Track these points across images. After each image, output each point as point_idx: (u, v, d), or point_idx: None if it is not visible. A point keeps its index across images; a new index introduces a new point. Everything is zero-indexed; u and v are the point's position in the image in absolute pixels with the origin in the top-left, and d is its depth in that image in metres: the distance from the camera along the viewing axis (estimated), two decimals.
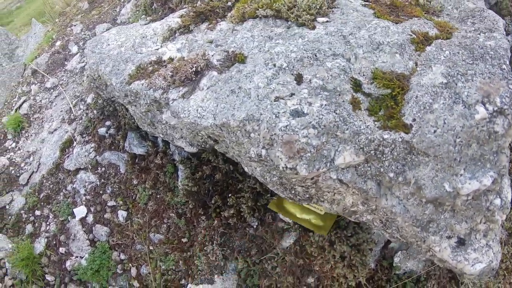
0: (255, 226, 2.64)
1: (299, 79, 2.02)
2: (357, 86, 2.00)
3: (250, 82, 2.07)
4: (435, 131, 1.79)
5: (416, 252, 2.63)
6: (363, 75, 2.03)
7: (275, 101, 1.90)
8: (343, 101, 1.91)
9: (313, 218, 2.57)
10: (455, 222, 1.91)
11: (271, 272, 2.58)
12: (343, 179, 1.84)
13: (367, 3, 2.52)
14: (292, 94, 1.94)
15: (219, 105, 2.06)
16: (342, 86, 1.97)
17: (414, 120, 1.83)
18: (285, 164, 1.80)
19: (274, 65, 2.11)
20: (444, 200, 1.84)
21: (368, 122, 1.85)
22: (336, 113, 1.84)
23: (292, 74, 2.05)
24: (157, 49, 2.67)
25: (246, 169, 2.59)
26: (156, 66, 2.56)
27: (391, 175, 1.82)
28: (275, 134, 1.80)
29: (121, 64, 2.65)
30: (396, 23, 2.29)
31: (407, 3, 2.55)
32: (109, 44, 2.90)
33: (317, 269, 2.61)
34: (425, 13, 2.49)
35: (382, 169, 1.83)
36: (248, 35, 2.38)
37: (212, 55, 2.32)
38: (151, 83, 2.40)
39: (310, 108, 1.84)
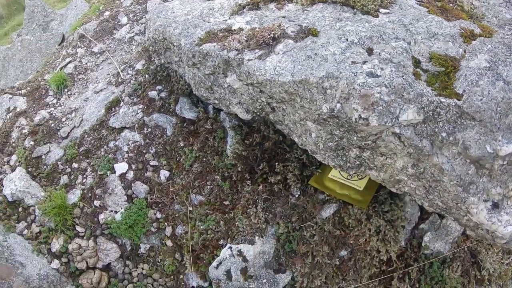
0: (297, 196, 2.77)
1: (369, 51, 2.28)
2: (417, 63, 2.32)
3: (326, 50, 2.29)
4: (481, 99, 2.11)
5: (444, 234, 2.81)
6: (422, 55, 2.36)
7: (352, 64, 2.13)
8: (408, 72, 2.18)
9: (352, 193, 2.73)
10: (491, 186, 2.22)
11: (309, 239, 2.69)
12: (404, 134, 2.06)
13: (421, 2, 2.83)
14: (365, 62, 2.18)
15: (296, 66, 2.26)
16: (405, 62, 2.27)
17: (464, 91, 2.14)
18: (359, 115, 2.01)
19: (347, 39, 2.35)
20: (485, 161, 2.15)
21: (427, 89, 2.11)
22: (403, 78, 2.10)
23: (363, 48, 2.30)
24: (225, 20, 2.86)
25: (296, 140, 2.76)
26: (226, 33, 2.74)
27: (444, 135, 2.09)
28: (353, 88, 2.02)
29: (190, 28, 2.83)
30: (447, 21, 2.63)
31: (454, 7, 2.89)
32: (174, 12, 3.07)
33: (352, 242, 2.74)
34: (469, 18, 2.83)
35: (436, 129, 2.10)
36: (319, 15, 2.61)
37: (287, 27, 2.52)
38: (224, 45, 2.58)
39: (382, 72, 2.09)
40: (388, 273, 2.78)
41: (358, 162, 2.45)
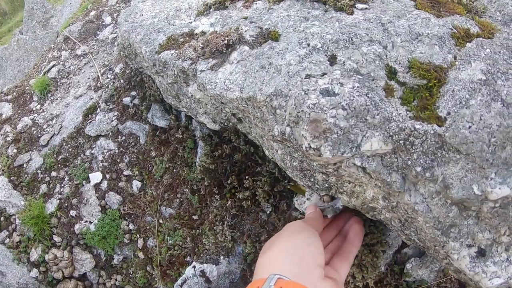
0: (268, 212, 2.59)
1: (332, 60, 1.97)
2: (392, 73, 1.94)
3: (282, 59, 2.03)
4: (470, 127, 1.69)
5: (429, 261, 2.54)
6: (399, 63, 1.97)
7: (305, 78, 1.86)
8: (376, 87, 1.84)
9: None
10: (478, 230, 1.80)
11: None
12: (367, 168, 1.77)
13: None
14: (324, 74, 1.88)
15: (247, 79, 2.03)
16: (377, 72, 1.91)
17: (448, 113, 1.74)
18: (309, 144, 1.73)
19: (308, 44, 2.06)
20: (470, 204, 1.75)
21: (400, 110, 1.78)
22: (368, 97, 1.77)
23: (326, 55, 2.00)
24: (190, 23, 2.66)
25: (266, 152, 2.55)
26: (187, 38, 2.55)
27: (418, 169, 1.73)
28: (302, 111, 1.74)
29: (152, 33, 2.66)
30: (437, 17, 2.23)
31: (449, 0, 2.50)
32: (142, 15, 2.91)
33: None
34: (467, 12, 2.43)
35: (409, 162, 1.74)
36: (284, 14, 2.34)
37: (245, 31, 2.29)
38: (180, 53, 2.40)
39: (341, 88, 1.78)
40: None
41: (327, 185, 2.21)
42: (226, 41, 2.20)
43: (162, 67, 2.53)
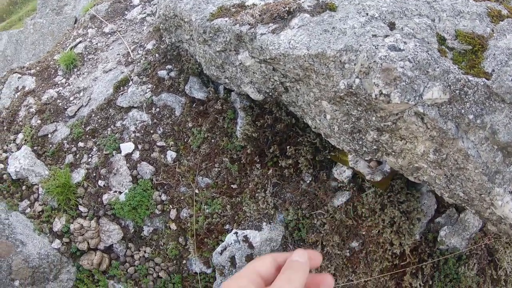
0: (308, 181, 2.63)
1: (391, 26, 2.14)
2: (442, 40, 2.17)
3: (344, 24, 2.15)
4: None
5: (461, 229, 2.64)
6: (447, 32, 2.21)
7: (372, 37, 1.99)
8: (432, 48, 2.02)
9: None
10: None
11: (319, 228, 2.55)
12: (427, 115, 1.90)
13: None
14: (386, 36, 2.04)
15: (312, 40, 2.13)
16: (429, 38, 2.12)
17: (493, 70, 1.97)
18: (380, 91, 1.86)
19: (367, 14, 2.21)
20: None
21: (453, 67, 1.96)
22: (428, 54, 1.95)
23: (384, 23, 2.16)
24: None
25: (310, 122, 2.62)
26: (239, 8, 2.63)
27: (471, 117, 1.92)
28: (374, 62, 1.88)
29: (202, 4, 2.73)
30: (474, 0, 2.48)
31: None
32: None
33: (364, 233, 2.59)
34: (495, 0, 2.69)
35: (463, 111, 1.93)
36: None
37: (303, 1, 2.40)
38: (237, 20, 2.46)
39: (406, 45, 1.95)
40: (400, 268, 2.63)
41: (375, 147, 2.31)
42: (287, 8, 2.30)
43: (213, 35, 2.58)
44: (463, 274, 2.57)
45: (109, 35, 3.67)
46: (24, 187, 3.05)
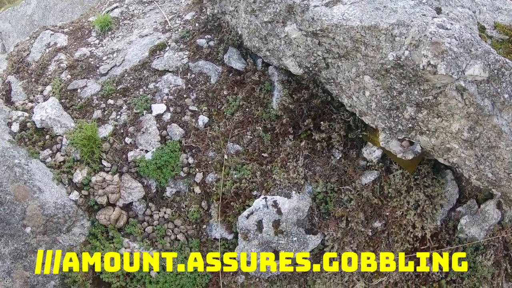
0: (338, 158, 2.68)
1: (438, 10, 2.30)
2: (482, 28, 2.36)
3: (395, 4, 2.27)
4: None
5: (481, 219, 2.71)
6: (487, 23, 2.41)
7: (422, 15, 2.11)
8: (474, 32, 2.17)
9: None
10: None
11: (346, 203, 2.59)
12: (468, 90, 2.01)
13: None
14: (434, 17, 2.16)
15: (364, 15, 2.24)
16: (471, 26, 2.28)
17: None
18: (428, 61, 1.98)
19: None
20: None
21: (492, 50, 2.09)
22: (472, 35, 2.09)
23: (431, 7, 2.30)
24: None
25: (345, 101, 2.69)
26: None
27: (506, 96, 2.06)
28: (424, 35, 2.00)
29: None
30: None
31: None
32: None
33: (388, 214, 2.63)
34: None
35: (499, 90, 2.06)
36: None
37: None
38: None
39: (452, 26, 2.08)
40: (420, 252, 2.66)
41: (410, 125, 2.38)
42: None
43: (263, 5, 2.66)
44: (480, 263, 2.61)
45: (146, 4, 3.73)
46: (47, 137, 3.01)
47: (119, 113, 3.04)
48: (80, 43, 3.52)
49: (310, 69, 2.70)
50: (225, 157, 2.77)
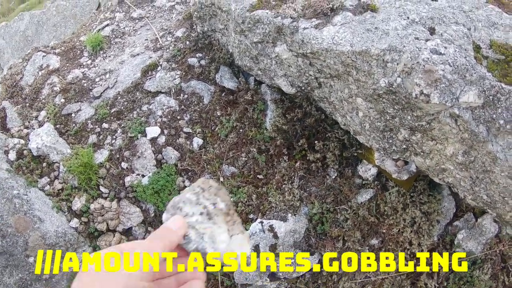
0: (333, 177, 2.67)
1: (431, 31, 2.22)
2: (477, 48, 2.27)
3: (386, 25, 2.21)
4: None
5: (478, 234, 2.70)
6: (482, 41, 2.32)
7: (415, 39, 2.06)
8: (469, 55, 2.10)
9: None
10: None
11: (342, 223, 2.59)
12: (461, 117, 1.98)
13: None
14: (427, 40, 2.11)
15: (355, 38, 2.19)
16: (466, 46, 2.22)
17: None
18: (421, 90, 1.93)
19: (408, 17, 2.27)
20: None
21: (488, 74, 2.04)
22: (467, 60, 2.03)
23: (425, 27, 2.23)
24: None
25: (339, 119, 2.67)
26: (279, 2, 2.68)
27: (501, 122, 2.02)
28: (417, 63, 1.94)
29: None
30: (506, 13, 2.58)
31: (510, 3, 2.87)
32: None
33: (384, 231, 2.64)
34: None
35: (494, 116, 2.01)
36: None
37: (345, 0, 2.46)
38: (278, 12, 2.51)
39: (446, 50, 2.03)
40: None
41: (404, 146, 2.36)
42: (330, 5, 2.35)
43: (251, 25, 2.62)
44: (478, 277, 2.62)
45: (137, 20, 3.69)
46: (44, 164, 3.03)
47: (114, 137, 3.04)
48: (73, 64, 3.51)
49: (303, 88, 2.68)
50: (221, 179, 2.78)
